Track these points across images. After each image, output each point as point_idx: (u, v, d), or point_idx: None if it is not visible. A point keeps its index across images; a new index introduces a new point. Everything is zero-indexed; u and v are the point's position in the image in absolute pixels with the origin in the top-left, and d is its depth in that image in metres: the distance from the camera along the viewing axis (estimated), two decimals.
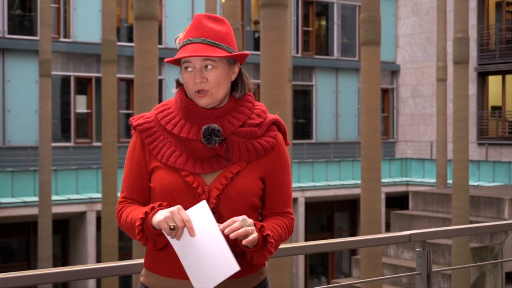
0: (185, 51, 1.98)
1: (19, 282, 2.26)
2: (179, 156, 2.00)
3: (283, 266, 6.17)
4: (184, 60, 2.00)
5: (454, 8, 11.17)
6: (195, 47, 1.97)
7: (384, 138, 22.87)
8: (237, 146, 2.00)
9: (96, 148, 17.15)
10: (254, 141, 2.01)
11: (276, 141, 2.05)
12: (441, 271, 7.61)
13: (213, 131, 1.97)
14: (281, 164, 2.06)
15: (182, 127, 2.01)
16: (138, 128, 2.05)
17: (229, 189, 1.97)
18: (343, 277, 18.30)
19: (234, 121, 2.01)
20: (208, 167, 1.98)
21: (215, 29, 2.00)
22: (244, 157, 2.00)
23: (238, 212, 1.97)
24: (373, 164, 8.22)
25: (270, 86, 6.32)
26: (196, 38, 1.99)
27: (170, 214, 1.85)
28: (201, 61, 1.98)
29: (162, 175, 2.00)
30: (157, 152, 2.02)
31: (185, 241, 1.86)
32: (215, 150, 1.99)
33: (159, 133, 2.04)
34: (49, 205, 12.60)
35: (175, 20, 18.81)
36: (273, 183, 2.05)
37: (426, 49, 22.58)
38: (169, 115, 2.05)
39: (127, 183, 2.06)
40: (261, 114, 2.07)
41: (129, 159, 2.07)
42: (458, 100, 10.75)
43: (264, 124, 2.05)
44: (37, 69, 15.94)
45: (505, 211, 12.55)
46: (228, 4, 10.57)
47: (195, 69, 1.99)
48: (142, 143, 2.05)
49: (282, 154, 2.07)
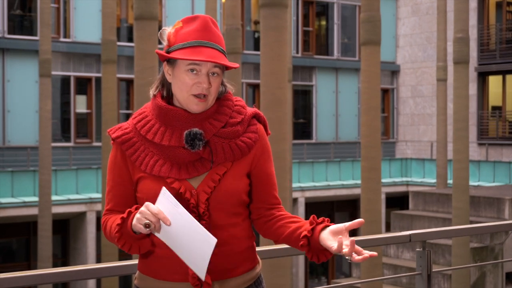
0: (200, 54, 1.92)
1: (19, 282, 2.26)
2: (163, 165, 1.96)
3: (283, 266, 6.16)
4: (193, 62, 1.94)
5: (454, 8, 11.17)
6: (212, 53, 1.93)
7: (384, 138, 22.87)
8: (220, 147, 1.98)
9: (96, 148, 17.15)
10: (237, 139, 2.00)
11: (258, 134, 2.04)
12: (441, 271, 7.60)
13: (196, 135, 1.94)
14: (265, 156, 2.06)
15: (163, 134, 1.98)
16: (118, 140, 2.01)
17: (218, 191, 1.95)
18: (343, 277, 18.30)
19: (216, 123, 1.99)
20: (193, 171, 1.96)
21: (220, 36, 1.99)
22: (229, 158, 1.98)
23: (228, 212, 1.97)
24: (373, 164, 8.22)
25: (270, 86, 6.31)
26: (210, 42, 1.95)
27: (140, 214, 1.83)
28: (211, 67, 1.95)
29: (148, 185, 1.97)
30: (140, 163, 1.98)
31: (166, 232, 1.86)
32: (198, 153, 1.96)
33: (140, 143, 2.00)
34: (49, 205, 12.60)
35: (175, 20, 18.71)
36: (260, 176, 2.04)
37: (426, 49, 22.58)
38: (148, 124, 2.01)
39: (111, 196, 2.04)
40: (241, 111, 2.04)
41: (110, 171, 2.04)
42: (458, 100, 10.75)
43: (245, 121, 2.03)
44: (37, 69, 15.94)
45: (505, 211, 12.55)
46: (228, 4, 10.57)
47: (201, 73, 1.95)
48: (123, 154, 2.02)
49: (265, 147, 2.06)
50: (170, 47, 1.98)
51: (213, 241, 1.81)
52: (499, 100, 21.24)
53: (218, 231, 1.95)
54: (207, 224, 1.93)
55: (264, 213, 2.07)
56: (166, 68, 2.02)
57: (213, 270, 1.95)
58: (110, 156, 2.06)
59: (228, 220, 1.97)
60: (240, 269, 2.01)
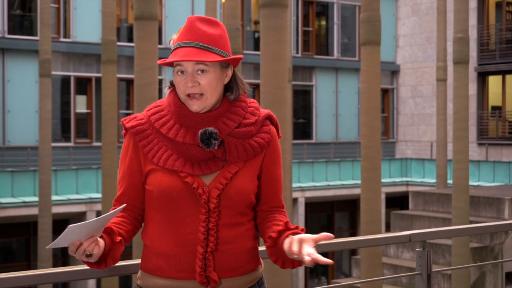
0: (177, 54, 1.96)
1: (19, 282, 2.26)
2: (177, 159, 1.98)
3: None
4: (177, 63, 1.98)
5: (454, 8, 11.17)
6: (187, 51, 1.96)
7: (384, 138, 22.87)
8: (234, 147, 1.99)
9: (96, 148, 17.16)
10: (250, 140, 2.01)
11: (271, 135, 2.06)
12: (441, 271, 7.60)
13: (211, 134, 1.95)
14: (275, 158, 2.08)
15: (178, 131, 1.99)
16: (132, 130, 2.02)
17: (229, 188, 1.97)
18: (343, 277, 18.31)
19: (230, 122, 2.00)
20: (206, 169, 1.97)
21: (208, 32, 1.98)
22: (242, 157, 2.00)
23: (236, 211, 1.99)
24: (373, 164, 8.22)
25: (270, 86, 6.31)
26: (189, 41, 1.97)
27: (75, 256, 1.88)
28: (193, 65, 1.96)
29: (160, 177, 1.98)
30: (153, 155, 1.99)
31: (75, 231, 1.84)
32: (212, 152, 1.98)
33: (153, 135, 2.01)
34: (49, 205, 12.60)
35: (175, 20, 18.81)
36: (269, 177, 2.07)
37: (426, 49, 22.58)
38: (163, 118, 2.02)
39: (121, 185, 2.06)
40: (255, 112, 2.06)
41: (122, 161, 2.05)
42: (458, 100, 10.75)
43: (258, 122, 2.05)
44: (37, 69, 15.94)
45: (505, 211, 12.55)
46: (228, 4, 10.57)
47: (187, 73, 1.97)
48: (135, 145, 2.02)
49: (276, 149, 2.08)
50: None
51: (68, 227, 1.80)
52: (499, 100, 21.24)
53: (226, 229, 1.97)
54: (216, 221, 1.95)
55: (264, 215, 2.09)
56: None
57: (220, 268, 1.96)
58: (123, 146, 2.06)
59: (236, 219, 1.99)
60: (245, 269, 2.02)
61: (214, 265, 1.96)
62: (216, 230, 1.96)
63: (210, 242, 1.94)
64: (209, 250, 1.94)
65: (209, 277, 1.95)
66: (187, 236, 1.96)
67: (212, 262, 1.95)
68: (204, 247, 1.94)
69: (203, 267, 1.95)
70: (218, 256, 1.95)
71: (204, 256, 1.94)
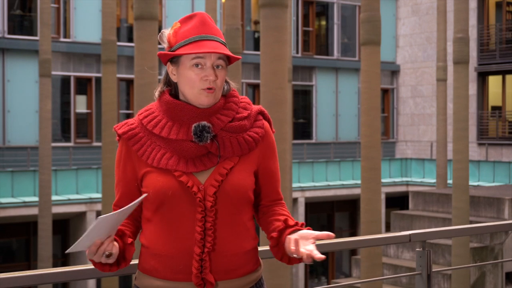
0: (204, 46, 1.93)
1: (19, 282, 2.26)
2: (170, 158, 1.97)
3: (283, 266, 6.16)
4: (197, 56, 1.95)
5: (454, 8, 11.17)
6: (214, 45, 1.94)
7: (384, 138, 22.87)
8: (228, 142, 1.98)
9: (96, 148, 17.15)
10: (244, 134, 2.01)
11: (264, 130, 2.06)
12: (441, 271, 7.60)
13: (204, 127, 1.95)
14: (271, 152, 2.08)
15: (170, 128, 1.98)
16: (124, 136, 2.02)
17: (225, 185, 1.95)
18: (343, 277, 18.30)
19: (223, 117, 2.00)
20: (201, 165, 1.96)
21: (219, 30, 2.00)
22: (236, 152, 1.99)
23: (234, 209, 1.97)
24: (373, 164, 8.21)
25: (270, 86, 6.31)
26: (211, 35, 1.97)
27: (94, 258, 1.93)
28: (215, 60, 1.96)
29: (154, 178, 1.97)
30: (147, 157, 1.99)
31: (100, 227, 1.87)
32: (206, 148, 1.97)
33: (146, 138, 2.00)
34: (49, 205, 12.60)
35: (175, 20, 18.75)
36: (266, 172, 2.07)
37: (426, 49, 22.58)
38: (154, 119, 2.01)
39: (117, 190, 2.07)
40: (247, 107, 2.06)
41: (117, 167, 2.05)
42: (458, 100, 10.75)
43: (251, 116, 2.04)
44: (37, 69, 15.94)
45: (505, 211, 12.55)
46: (228, 4, 10.56)
47: (205, 67, 1.95)
48: (128, 151, 2.02)
49: (271, 142, 2.08)
50: (171, 48, 1.99)
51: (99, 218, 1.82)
52: (499, 100, 21.24)
53: (224, 228, 1.95)
54: (213, 221, 1.93)
55: (265, 209, 2.09)
56: (170, 69, 2.02)
57: (217, 270, 1.94)
58: (117, 152, 2.07)
59: (234, 218, 1.97)
60: (243, 270, 2.00)
61: (211, 267, 1.93)
62: (214, 230, 1.94)
63: (207, 242, 1.92)
64: (206, 251, 1.92)
65: (205, 279, 1.93)
66: (183, 236, 1.94)
67: (209, 264, 1.93)
68: (201, 247, 1.92)
69: (200, 269, 1.93)
70: (215, 257, 1.93)
71: (201, 257, 1.92)
